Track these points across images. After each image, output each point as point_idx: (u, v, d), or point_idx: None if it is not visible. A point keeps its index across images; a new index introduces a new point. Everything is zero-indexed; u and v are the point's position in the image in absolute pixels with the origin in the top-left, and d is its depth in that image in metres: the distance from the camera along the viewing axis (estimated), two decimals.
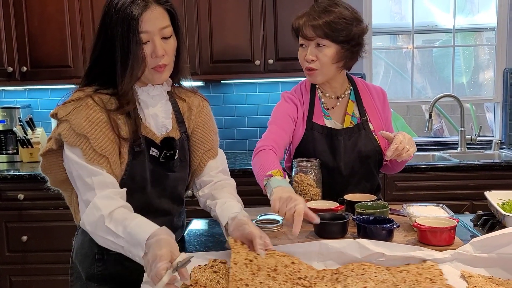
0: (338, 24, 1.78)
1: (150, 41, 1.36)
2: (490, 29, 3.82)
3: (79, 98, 1.38)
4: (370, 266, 1.29)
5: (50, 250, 3.07)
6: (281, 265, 1.25)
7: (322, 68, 1.84)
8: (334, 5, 1.82)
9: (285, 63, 3.32)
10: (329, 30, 1.78)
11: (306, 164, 1.83)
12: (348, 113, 1.93)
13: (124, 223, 1.26)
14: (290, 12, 3.26)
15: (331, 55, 1.82)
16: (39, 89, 3.66)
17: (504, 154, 3.52)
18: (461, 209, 2.99)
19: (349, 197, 1.77)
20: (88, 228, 1.33)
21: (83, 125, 1.34)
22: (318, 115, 1.93)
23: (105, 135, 1.35)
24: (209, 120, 1.62)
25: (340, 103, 1.95)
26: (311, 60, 1.83)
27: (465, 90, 4.01)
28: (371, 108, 1.95)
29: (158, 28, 1.36)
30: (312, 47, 1.82)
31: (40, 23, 3.27)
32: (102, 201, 1.31)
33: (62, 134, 1.36)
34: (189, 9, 3.26)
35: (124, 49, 1.34)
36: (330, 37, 1.79)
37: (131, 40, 1.33)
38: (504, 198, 1.67)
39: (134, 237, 1.23)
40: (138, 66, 1.36)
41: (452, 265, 1.33)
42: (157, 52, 1.37)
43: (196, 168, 1.59)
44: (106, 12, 1.37)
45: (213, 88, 3.72)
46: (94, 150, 1.33)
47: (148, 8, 1.35)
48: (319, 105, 1.95)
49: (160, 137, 1.48)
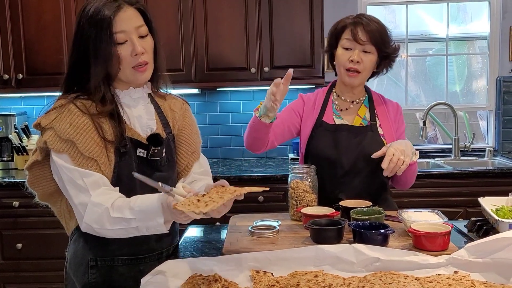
0: (386, 36, 1.92)
1: (128, 41, 1.39)
2: (482, 38, 3.86)
3: (61, 105, 1.39)
4: (399, 275, 1.29)
5: (45, 257, 3.05)
6: (303, 280, 1.27)
7: (364, 71, 1.94)
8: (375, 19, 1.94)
9: (281, 71, 3.32)
10: (380, 39, 1.89)
11: (302, 170, 1.85)
12: (359, 115, 2.01)
13: (130, 206, 1.30)
14: (285, 20, 3.29)
15: (373, 62, 1.94)
16: (35, 96, 3.67)
17: (497, 161, 3.55)
18: (455, 216, 3.00)
19: (345, 203, 1.79)
20: (95, 226, 1.33)
21: (68, 131, 1.35)
22: (329, 115, 2.02)
23: (90, 138, 1.36)
24: (192, 123, 1.66)
25: (353, 106, 2.03)
26: (357, 62, 1.90)
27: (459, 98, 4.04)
28: (383, 116, 2.00)
29: (134, 27, 1.40)
30: (359, 50, 1.90)
31: (37, 30, 3.28)
32: (100, 198, 1.33)
33: (48, 142, 1.36)
34: (185, 17, 3.29)
35: (96, 49, 1.36)
36: (378, 46, 1.90)
37: (103, 39, 1.35)
38: (497, 204, 1.69)
39: (146, 213, 1.27)
40: (110, 64, 1.38)
41: (446, 270, 1.34)
42: (136, 50, 1.39)
43: (182, 170, 1.62)
44: (80, 19, 1.40)
45: (209, 96, 3.74)
46: (82, 154, 1.34)
47: (120, 9, 1.38)
48: (331, 106, 2.04)
49: (146, 137, 1.49)
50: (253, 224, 1.74)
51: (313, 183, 1.84)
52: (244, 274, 1.36)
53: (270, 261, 1.38)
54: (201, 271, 1.36)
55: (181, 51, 3.31)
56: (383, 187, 2.00)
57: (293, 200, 1.84)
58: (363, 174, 1.94)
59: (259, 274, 1.33)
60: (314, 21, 3.28)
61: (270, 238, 1.63)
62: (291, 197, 1.84)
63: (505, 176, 3.09)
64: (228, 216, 2.02)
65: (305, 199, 1.82)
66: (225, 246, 1.56)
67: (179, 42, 3.30)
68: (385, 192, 2.03)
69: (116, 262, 1.48)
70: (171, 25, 3.28)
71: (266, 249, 1.49)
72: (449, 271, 1.33)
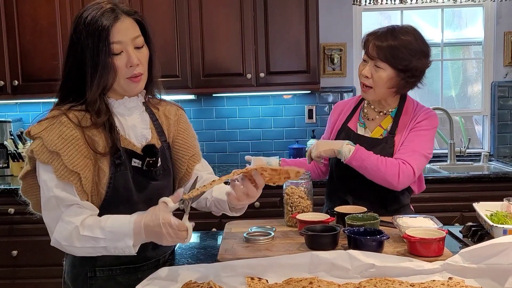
0: (400, 52, 1.85)
1: (123, 52, 1.38)
2: (477, 43, 3.88)
3: (53, 116, 1.39)
4: (394, 282, 1.29)
5: (41, 265, 3.05)
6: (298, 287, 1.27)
7: (375, 87, 1.91)
8: (405, 32, 1.88)
9: (276, 76, 3.35)
10: (390, 55, 1.85)
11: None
12: (381, 126, 2.00)
13: (100, 225, 1.31)
14: (281, 26, 3.30)
15: (386, 78, 1.89)
16: (31, 103, 3.66)
17: (492, 166, 3.56)
18: (451, 221, 3.01)
19: (340, 209, 1.79)
20: (64, 243, 1.34)
21: (56, 142, 1.34)
22: (354, 121, 2.04)
23: (78, 151, 1.35)
24: (188, 127, 1.65)
25: (380, 117, 2.02)
26: (366, 76, 1.91)
27: (454, 103, 4.05)
28: (402, 128, 1.96)
29: (130, 38, 1.39)
30: (371, 65, 1.90)
31: (32, 36, 3.28)
32: (71, 215, 1.33)
33: (34, 152, 1.35)
34: (181, 23, 3.29)
35: (93, 59, 1.35)
36: (389, 62, 1.86)
37: (101, 50, 1.34)
38: (492, 209, 1.69)
39: (116, 233, 1.29)
40: (109, 76, 1.37)
41: (441, 276, 1.34)
42: (132, 61, 1.38)
43: (183, 175, 1.61)
44: (75, 26, 1.39)
45: (205, 102, 3.74)
46: (66, 167, 1.33)
47: (118, 19, 1.37)
48: (358, 113, 2.05)
49: (141, 147, 1.48)
50: (248, 230, 1.74)
51: (308, 189, 1.84)
52: (239, 281, 1.36)
53: (265, 267, 1.38)
54: (196, 278, 1.36)
55: (177, 57, 3.32)
56: (396, 198, 1.97)
57: (288, 206, 1.84)
58: (372, 185, 1.91)
59: (253, 281, 1.32)
60: (310, 27, 3.30)
61: (265, 244, 1.62)
62: (286, 203, 1.84)
63: (501, 181, 3.10)
64: (224, 222, 2.03)
65: (300, 205, 1.82)
66: (220, 253, 1.56)
67: (175, 48, 3.31)
68: (400, 203, 1.99)
69: (114, 271, 1.48)
70: (167, 31, 3.28)
71: (261, 255, 1.49)
72: (443, 277, 1.33)
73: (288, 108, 3.75)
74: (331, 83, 3.72)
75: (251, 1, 3.28)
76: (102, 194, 1.40)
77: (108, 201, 1.41)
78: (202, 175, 1.61)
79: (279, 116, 3.75)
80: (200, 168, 1.63)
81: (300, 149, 3.58)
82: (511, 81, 3.70)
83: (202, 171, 1.63)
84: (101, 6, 1.38)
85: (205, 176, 1.61)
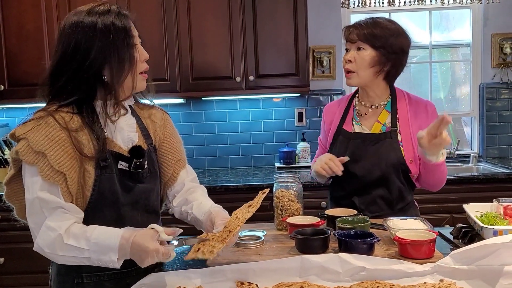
0: (378, 32, 1.92)
1: (137, 45, 1.45)
2: (465, 45, 3.91)
3: (39, 117, 1.37)
4: (385, 284, 1.28)
5: (28, 272, 3.00)
6: None
7: (359, 70, 1.93)
8: (382, 19, 1.97)
9: (266, 79, 3.34)
10: (370, 35, 1.91)
11: (287, 179, 1.83)
12: (379, 121, 1.98)
13: (85, 236, 1.30)
14: (270, 29, 3.30)
15: (368, 58, 1.92)
16: (17, 108, 3.62)
17: (482, 167, 3.58)
18: (441, 222, 3.01)
19: (330, 212, 1.78)
20: (46, 250, 1.32)
21: (42, 143, 1.32)
22: (349, 122, 2.03)
23: (64, 152, 1.34)
24: (174, 132, 1.66)
25: (374, 111, 2.01)
26: (349, 61, 1.94)
27: (443, 105, 4.07)
28: (405, 120, 1.96)
29: (137, 35, 1.46)
30: (353, 49, 1.95)
31: (18, 41, 3.25)
32: (54, 222, 1.31)
33: (19, 152, 1.33)
34: (169, 26, 3.28)
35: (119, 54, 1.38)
36: (369, 42, 1.91)
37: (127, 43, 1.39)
38: (482, 210, 1.69)
39: (102, 246, 1.28)
40: (129, 68, 1.41)
41: (432, 278, 1.33)
42: (145, 55, 1.46)
43: (168, 179, 1.61)
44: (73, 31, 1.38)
45: (194, 105, 3.72)
46: (52, 167, 1.32)
47: (128, 17, 1.44)
48: (352, 112, 2.05)
49: (127, 150, 1.48)
50: (238, 234, 1.72)
51: (298, 192, 1.83)
52: (228, 286, 1.34)
53: (255, 272, 1.37)
54: (185, 284, 1.34)
55: (165, 61, 3.30)
56: (401, 195, 1.95)
57: (278, 209, 1.82)
58: (380, 183, 1.92)
59: (243, 286, 1.31)
60: (299, 30, 3.30)
61: (255, 248, 1.61)
62: (276, 207, 1.83)
63: (490, 182, 3.11)
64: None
65: (291, 208, 1.80)
66: None
67: (163, 52, 3.29)
68: (404, 200, 1.97)
69: (102, 277, 1.46)
70: (155, 35, 3.26)
71: (251, 260, 1.48)
72: (435, 279, 1.32)
73: (278, 111, 3.75)
74: (320, 86, 3.72)
75: (240, 4, 3.27)
76: (87, 196, 1.39)
77: (93, 204, 1.39)
78: (185, 183, 1.63)
79: (269, 119, 3.74)
80: (184, 174, 1.64)
81: (290, 152, 3.57)
82: (499, 83, 3.73)
83: (187, 177, 1.65)
84: (106, 7, 1.41)
85: (187, 185, 1.63)
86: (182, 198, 1.61)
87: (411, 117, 1.97)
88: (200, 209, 1.55)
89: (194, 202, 1.58)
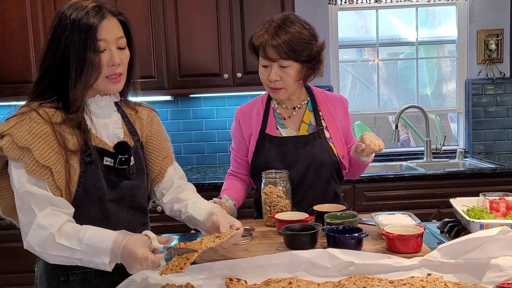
0: (298, 45, 1.81)
1: (107, 50, 1.38)
2: (451, 41, 3.94)
3: (22, 113, 1.36)
4: (373, 279, 1.29)
5: (14, 271, 2.97)
6: None
7: (287, 86, 1.86)
8: (290, 23, 1.83)
9: (254, 76, 3.29)
10: (291, 51, 1.80)
11: (275, 176, 1.83)
12: (304, 122, 1.96)
13: (78, 236, 1.28)
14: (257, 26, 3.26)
15: (294, 74, 1.84)
16: (2, 105, 3.56)
17: (468, 162, 3.61)
18: (428, 217, 3.04)
19: (319, 207, 1.79)
20: (37, 249, 1.30)
21: (26, 138, 1.31)
22: (271, 126, 1.96)
23: (49, 146, 1.33)
24: (160, 129, 1.65)
25: (297, 112, 1.98)
26: (275, 80, 1.84)
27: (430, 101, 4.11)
28: (329, 117, 1.97)
29: (114, 38, 1.39)
30: (275, 67, 1.83)
31: (3, 38, 3.20)
32: (46, 220, 1.29)
33: (4, 149, 1.32)
34: (156, 23, 3.25)
35: (80, 56, 1.34)
36: (292, 58, 1.81)
37: (88, 47, 1.34)
38: (468, 204, 1.71)
39: (94, 248, 1.27)
40: (92, 73, 1.36)
41: (420, 272, 1.34)
42: (114, 60, 1.38)
43: (156, 176, 1.60)
44: (57, 23, 1.36)
45: (182, 102, 3.70)
46: (37, 162, 1.30)
47: (105, 18, 1.37)
48: (273, 116, 1.98)
49: (113, 146, 1.47)
50: None
51: (287, 188, 1.83)
52: (217, 282, 1.34)
53: (244, 268, 1.37)
54: (174, 281, 1.34)
55: (152, 58, 3.27)
56: (336, 195, 1.98)
57: (267, 206, 1.82)
58: (315, 185, 1.92)
59: (232, 282, 1.31)
60: None
61: (244, 245, 1.61)
62: (265, 203, 1.83)
63: (476, 177, 3.14)
64: None
65: (279, 204, 1.80)
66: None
67: (151, 49, 3.27)
68: (339, 199, 2.00)
69: (88, 274, 1.44)
70: (142, 32, 3.24)
71: (239, 256, 1.48)
72: (422, 273, 1.33)
73: None
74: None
75: (227, 1, 3.26)
76: (72, 192, 1.37)
77: (79, 200, 1.38)
78: (174, 180, 1.62)
79: None
80: (172, 171, 1.63)
81: None
82: (484, 79, 3.76)
83: (175, 174, 1.64)
84: (87, 4, 1.37)
85: (177, 182, 1.62)
86: (173, 196, 1.60)
87: (334, 112, 1.98)
88: (197, 209, 1.53)
89: (188, 201, 1.56)
